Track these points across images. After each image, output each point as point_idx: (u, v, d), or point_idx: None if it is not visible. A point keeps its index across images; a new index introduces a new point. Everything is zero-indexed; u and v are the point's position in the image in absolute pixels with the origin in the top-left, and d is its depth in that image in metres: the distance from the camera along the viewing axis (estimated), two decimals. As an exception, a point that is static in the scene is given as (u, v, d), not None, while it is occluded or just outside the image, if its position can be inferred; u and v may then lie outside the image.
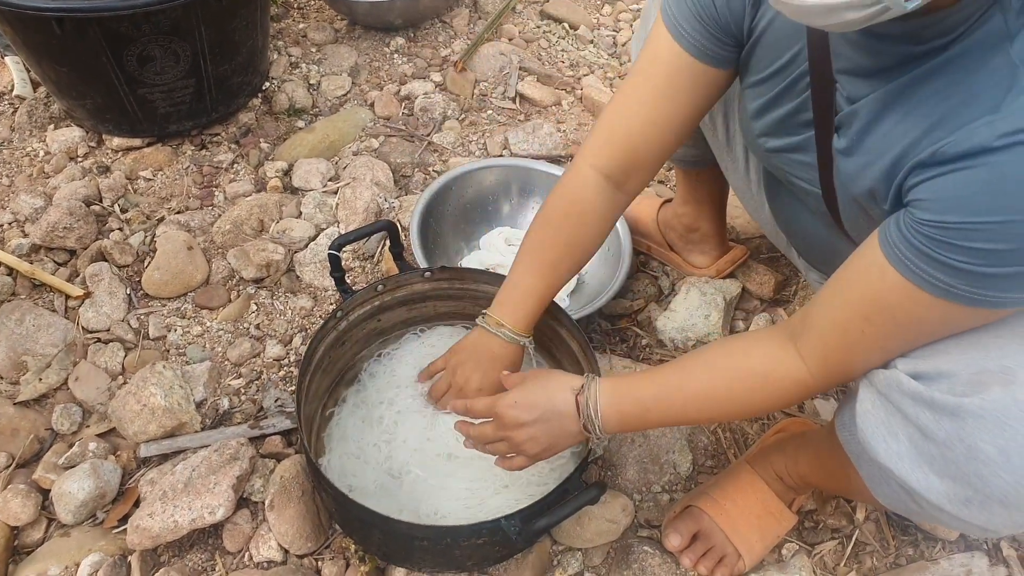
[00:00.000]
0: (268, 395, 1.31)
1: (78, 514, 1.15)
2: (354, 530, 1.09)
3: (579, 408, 0.93)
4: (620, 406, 0.91)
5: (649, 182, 1.06)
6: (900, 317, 0.73)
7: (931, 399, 0.71)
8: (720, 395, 0.87)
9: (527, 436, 0.95)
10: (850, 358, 0.79)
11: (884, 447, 0.76)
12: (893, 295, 0.72)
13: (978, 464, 0.69)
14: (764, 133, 0.93)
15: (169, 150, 1.72)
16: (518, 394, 0.96)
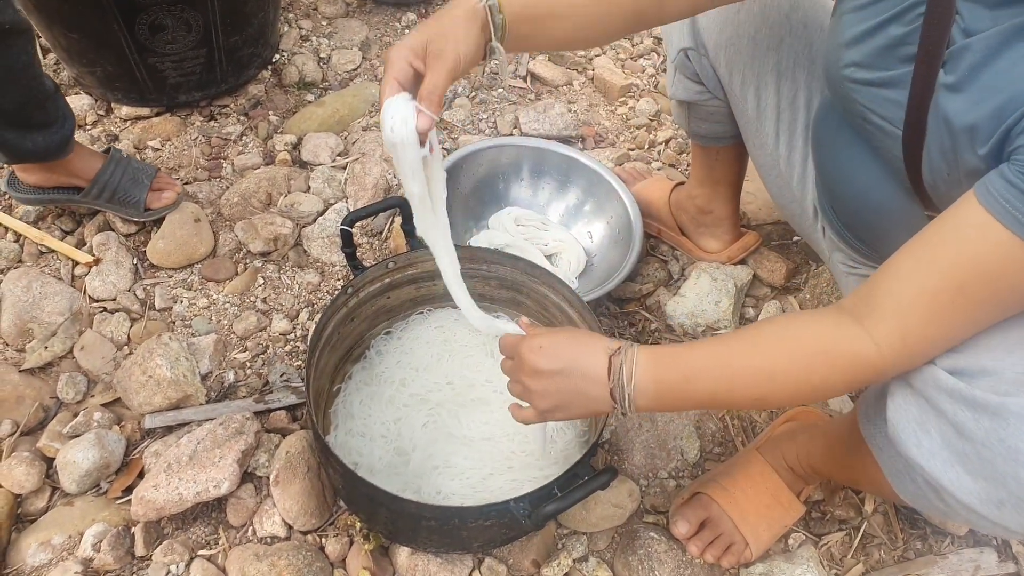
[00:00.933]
0: (274, 369, 1.30)
1: (82, 484, 1.14)
2: (360, 508, 1.08)
3: (611, 370, 0.80)
4: (659, 374, 0.79)
5: (685, 13, 0.94)
6: (1003, 283, 0.66)
7: (971, 397, 0.69)
8: (776, 371, 0.77)
9: (541, 387, 0.84)
10: (935, 335, 0.71)
11: (915, 443, 0.74)
12: (997, 256, 0.65)
13: (1017, 466, 0.67)
14: (856, 63, 0.84)
15: (178, 120, 1.70)
16: (546, 339, 0.85)
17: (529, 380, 0.85)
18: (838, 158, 0.99)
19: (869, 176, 0.93)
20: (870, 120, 0.87)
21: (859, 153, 0.94)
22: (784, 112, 1.13)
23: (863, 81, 0.85)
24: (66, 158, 1.36)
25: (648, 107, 1.88)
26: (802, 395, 0.79)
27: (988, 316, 0.70)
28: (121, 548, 1.08)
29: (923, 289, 0.70)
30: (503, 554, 1.12)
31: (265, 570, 1.05)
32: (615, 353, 0.81)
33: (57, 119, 1.30)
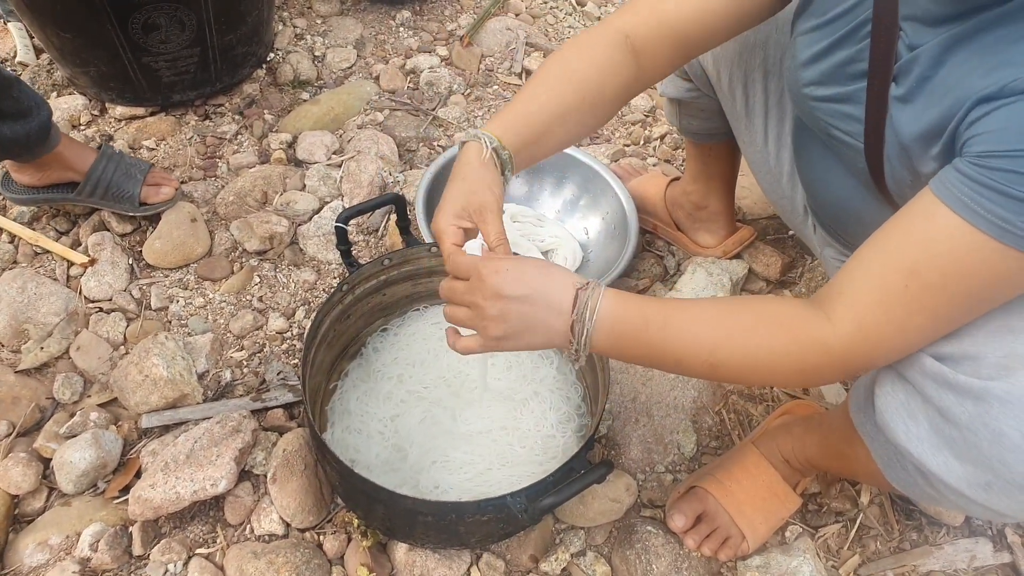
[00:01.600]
0: (271, 368, 1.30)
1: (79, 484, 1.14)
2: (357, 504, 1.08)
3: (576, 304, 0.78)
4: (621, 314, 0.78)
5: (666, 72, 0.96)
6: (949, 267, 0.67)
7: (955, 381, 0.70)
8: (735, 335, 0.77)
9: (499, 311, 0.78)
10: (888, 320, 0.71)
11: (903, 429, 0.75)
12: (943, 239, 0.67)
13: (1002, 449, 0.67)
14: (814, 82, 0.88)
15: (172, 120, 1.70)
16: (511, 263, 0.80)
17: (487, 303, 0.79)
18: (815, 167, 1.01)
19: (844, 184, 0.95)
20: (833, 135, 0.89)
21: (833, 163, 0.96)
22: (772, 109, 1.13)
23: (822, 98, 0.88)
24: (56, 151, 1.36)
25: (643, 103, 1.88)
26: (755, 368, 0.78)
27: (945, 310, 0.70)
28: (119, 548, 1.08)
29: (874, 274, 0.72)
30: (501, 549, 1.13)
31: (263, 568, 1.05)
32: (583, 287, 0.79)
33: (31, 107, 1.28)
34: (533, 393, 1.18)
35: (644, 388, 1.30)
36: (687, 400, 1.29)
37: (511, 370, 1.22)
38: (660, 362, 0.82)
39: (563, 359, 1.26)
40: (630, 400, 1.29)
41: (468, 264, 0.82)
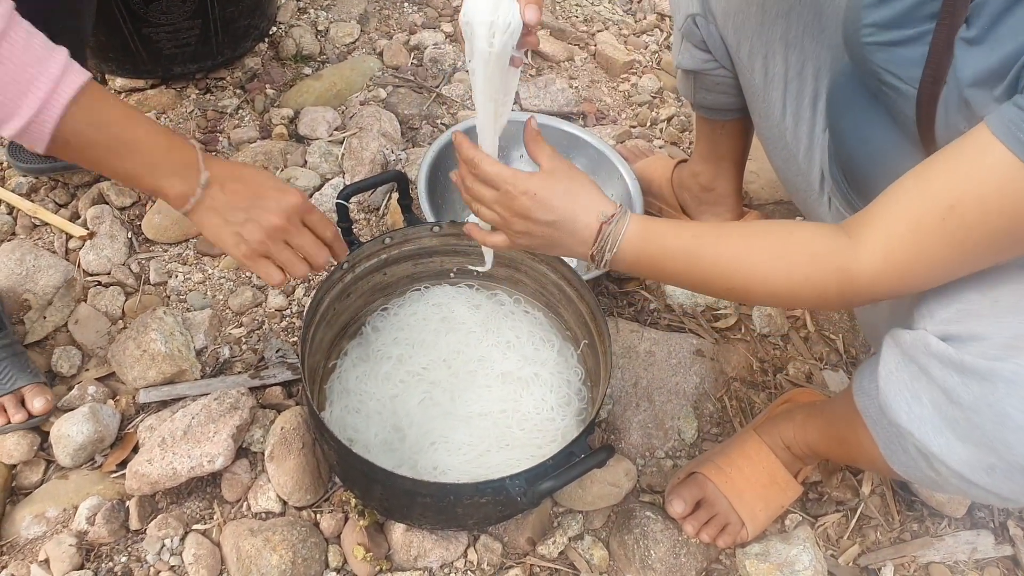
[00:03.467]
0: (269, 345, 1.29)
1: (76, 457, 1.14)
2: (355, 484, 1.08)
3: (598, 236, 0.82)
4: (643, 248, 0.81)
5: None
6: (993, 204, 0.65)
7: (960, 361, 0.69)
8: (756, 262, 0.78)
9: (525, 229, 0.84)
10: (918, 251, 0.70)
11: (906, 410, 0.74)
12: (993, 176, 0.65)
13: (1006, 430, 0.67)
14: (876, 24, 0.84)
15: (173, 93, 1.67)
16: (541, 185, 0.82)
17: (514, 220, 0.84)
18: (855, 123, 0.99)
19: (886, 138, 0.93)
20: (885, 80, 0.86)
21: (875, 116, 0.94)
22: (792, 82, 1.11)
23: (882, 42, 0.84)
24: None
25: (651, 84, 1.86)
26: (776, 294, 0.79)
27: (976, 247, 0.69)
28: (116, 522, 1.08)
29: (913, 206, 0.71)
30: (498, 532, 1.12)
31: (260, 545, 1.05)
32: (607, 221, 0.81)
33: None
34: (533, 375, 1.17)
35: (646, 373, 1.29)
36: (689, 386, 1.28)
37: (512, 351, 1.20)
38: (681, 286, 0.87)
39: (564, 343, 1.25)
40: (631, 385, 1.28)
41: (497, 177, 0.83)
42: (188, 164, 0.84)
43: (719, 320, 1.40)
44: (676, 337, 1.34)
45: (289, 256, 0.90)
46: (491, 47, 0.75)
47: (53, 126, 0.74)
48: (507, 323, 1.24)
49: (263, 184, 0.88)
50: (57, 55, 0.74)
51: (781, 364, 1.35)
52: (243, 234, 0.86)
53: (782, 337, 1.39)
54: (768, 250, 0.79)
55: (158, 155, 0.83)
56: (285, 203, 0.87)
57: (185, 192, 0.84)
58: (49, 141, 0.75)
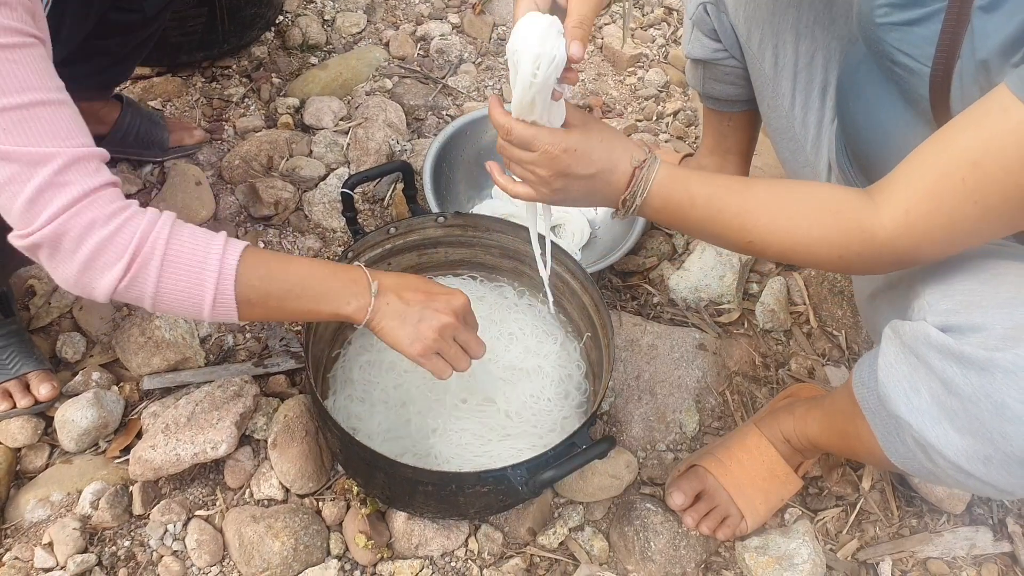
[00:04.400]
0: (273, 334, 1.30)
1: (80, 442, 1.14)
2: (358, 472, 1.08)
3: (631, 182, 0.83)
4: (670, 193, 0.83)
5: None
6: (1015, 162, 0.66)
7: (960, 352, 0.69)
8: (778, 215, 0.80)
9: (563, 185, 0.84)
10: (938, 210, 0.71)
11: (905, 400, 0.74)
12: (1017, 137, 0.65)
13: (1003, 421, 0.67)
14: (891, 3, 0.84)
15: (179, 81, 1.67)
16: (580, 139, 0.82)
17: (553, 178, 0.83)
18: (866, 105, 0.99)
19: (899, 120, 0.93)
20: (897, 61, 0.86)
21: (887, 98, 0.94)
22: (801, 72, 1.11)
23: (898, 22, 0.84)
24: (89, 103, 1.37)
25: (657, 78, 1.85)
26: (795, 250, 0.80)
27: (997, 206, 0.69)
28: (119, 506, 1.09)
29: (935, 165, 0.71)
30: (499, 521, 1.13)
31: (262, 532, 1.05)
32: (640, 165, 0.83)
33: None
34: (536, 367, 1.18)
35: (648, 367, 1.29)
36: (691, 380, 1.29)
37: (515, 343, 1.21)
38: (701, 235, 0.88)
39: (567, 336, 1.25)
40: (633, 378, 1.28)
41: (534, 139, 0.81)
42: (357, 281, 0.92)
43: (722, 315, 1.40)
44: (679, 331, 1.34)
45: (457, 352, 0.95)
46: (535, 78, 0.76)
47: (233, 292, 0.83)
48: (511, 315, 1.25)
49: (432, 289, 0.96)
50: (217, 238, 0.84)
51: (783, 359, 1.35)
52: (419, 333, 0.92)
53: (784, 332, 1.39)
54: (791, 205, 0.80)
55: (327, 284, 0.90)
56: (455, 303, 0.94)
57: (362, 305, 0.91)
58: (236, 307, 0.84)
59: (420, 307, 0.92)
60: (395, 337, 0.92)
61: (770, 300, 1.39)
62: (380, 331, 0.92)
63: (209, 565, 1.07)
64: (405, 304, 0.92)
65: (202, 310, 0.83)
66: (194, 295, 0.83)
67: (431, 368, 0.94)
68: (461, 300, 0.95)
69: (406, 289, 0.94)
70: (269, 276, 0.87)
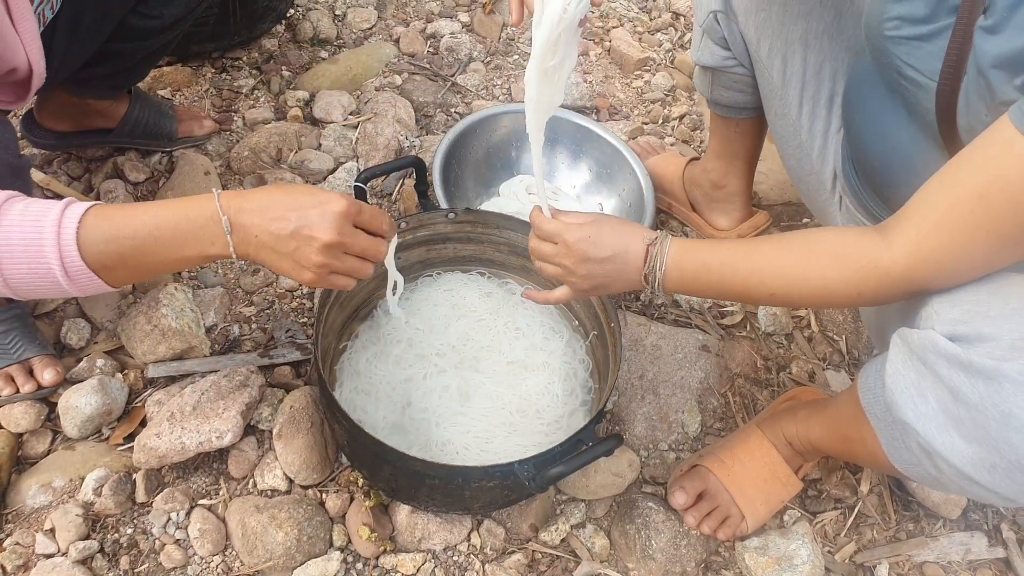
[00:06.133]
0: (279, 325, 1.30)
1: (84, 429, 1.14)
2: (364, 464, 1.09)
3: (647, 258, 0.91)
4: (683, 263, 0.90)
5: None
6: (1019, 195, 0.69)
7: (968, 361, 0.70)
8: (790, 269, 0.85)
9: (586, 272, 0.94)
10: (949, 242, 0.75)
11: (912, 407, 0.75)
12: (1018, 168, 0.68)
13: (1010, 430, 0.68)
14: (902, 17, 0.87)
15: (189, 71, 1.68)
16: (593, 229, 0.93)
17: (575, 266, 0.95)
18: (872, 117, 1.01)
19: (904, 133, 0.95)
20: (904, 74, 0.88)
21: (893, 111, 0.96)
22: (809, 82, 1.13)
23: (906, 36, 0.87)
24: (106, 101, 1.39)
25: (664, 82, 1.86)
26: (813, 295, 0.85)
27: (1006, 236, 0.72)
28: (122, 494, 1.09)
29: (943, 199, 0.75)
30: (502, 517, 1.13)
31: (265, 522, 1.05)
32: (652, 243, 0.92)
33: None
34: (543, 364, 1.18)
35: (651, 367, 1.30)
36: (694, 380, 1.30)
37: (521, 339, 1.22)
38: (724, 297, 0.96)
39: (573, 334, 1.26)
40: (637, 378, 1.29)
41: (553, 230, 0.96)
42: (214, 219, 0.81)
43: (725, 317, 1.41)
44: (682, 332, 1.35)
45: (352, 264, 0.87)
46: (564, 13, 0.81)
47: (82, 261, 0.77)
48: (517, 312, 1.25)
49: (302, 204, 0.83)
50: (53, 206, 0.77)
51: (785, 362, 1.37)
52: (301, 262, 0.83)
53: (786, 336, 1.40)
54: (799, 255, 0.85)
55: (181, 229, 0.81)
56: (330, 215, 0.82)
57: (225, 245, 0.82)
58: (95, 277, 0.78)
59: (292, 233, 0.81)
60: (279, 270, 0.84)
61: (773, 304, 1.40)
62: (261, 264, 0.85)
63: (211, 554, 1.07)
64: (275, 235, 0.81)
65: (61, 285, 0.77)
66: (41, 273, 0.76)
67: (332, 287, 0.88)
68: (337, 208, 0.83)
69: (271, 215, 0.82)
70: (115, 236, 0.79)
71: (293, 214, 0.81)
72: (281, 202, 0.82)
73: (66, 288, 0.78)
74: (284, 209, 0.82)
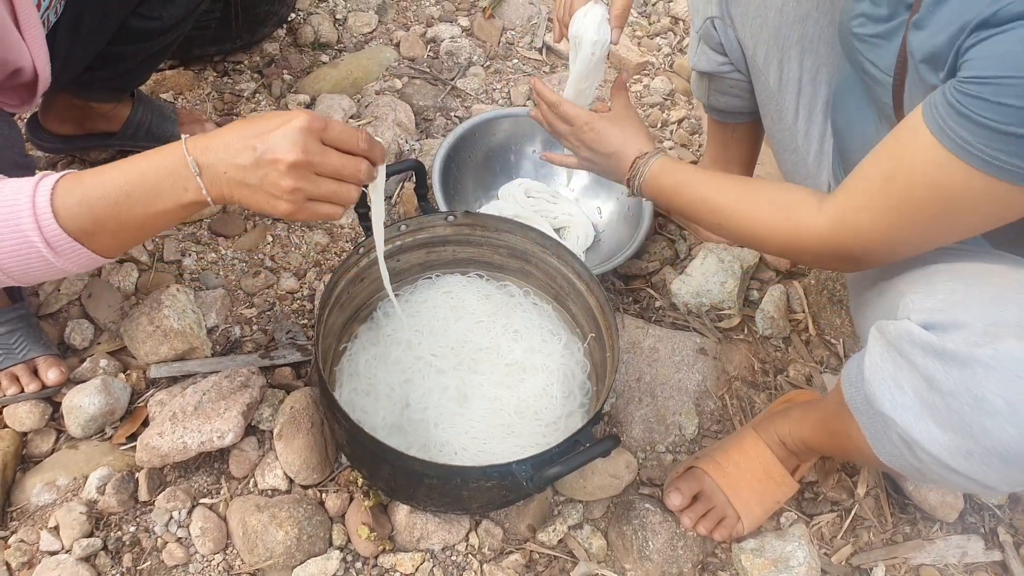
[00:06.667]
0: (280, 326, 1.31)
1: (87, 428, 1.15)
2: (363, 464, 1.10)
3: (632, 167, 1.07)
4: (659, 180, 1.04)
5: None
6: (917, 178, 0.76)
7: (942, 348, 0.71)
8: (742, 208, 0.95)
9: (588, 156, 1.13)
10: (865, 219, 0.82)
11: (889, 398, 0.76)
12: (918, 153, 0.75)
13: (983, 416, 0.69)
14: (865, 15, 0.91)
15: (191, 75, 1.69)
16: (604, 125, 1.10)
17: (580, 149, 1.14)
18: (851, 118, 1.05)
19: (875, 130, 0.98)
20: (868, 71, 0.92)
21: (867, 110, 0.99)
22: (806, 87, 1.14)
23: (867, 34, 0.91)
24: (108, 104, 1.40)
25: (662, 86, 1.88)
26: (752, 235, 0.96)
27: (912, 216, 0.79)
28: (125, 492, 1.10)
29: (861, 176, 0.83)
30: (500, 517, 1.14)
31: (266, 521, 1.06)
32: (640, 156, 1.07)
33: None
34: (541, 366, 1.19)
35: (649, 369, 1.31)
36: (691, 383, 1.31)
37: (519, 342, 1.22)
38: (687, 215, 1.07)
39: (571, 336, 1.27)
40: (635, 380, 1.30)
41: (574, 116, 1.12)
42: (182, 164, 0.77)
43: (723, 320, 1.42)
44: (680, 335, 1.36)
45: (329, 187, 0.79)
46: (593, 56, 1.10)
47: (61, 230, 0.75)
48: (516, 314, 1.26)
49: (261, 130, 0.76)
50: (27, 181, 0.76)
51: (782, 366, 1.37)
52: (271, 191, 0.77)
53: (784, 339, 1.41)
54: (744, 193, 0.96)
55: (151, 181, 0.78)
56: (292, 134, 0.75)
57: (197, 189, 0.78)
58: (80, 246, 0.77)
59: (256, 161, 0.75)
60: (256, 207, 0.79)
61: (770, 307, 1.41)
62: (240, 204, 0.80)
63: (212, 553, 1.08)
64: (241, 167, 0.76)
65: (49, 260, 0.76)
66: (26, 249, 0.75)
67: (315, 218, 0.81)
68: (298, 124, 0.76)
69: (235, 148, 0.77)
70: (88, 198, 0.76)
71: (255, 141, 0.76)
72: (243, 132, 0.77)
73: (55, 263, 0.76)
74: (246, 139, 0.76)
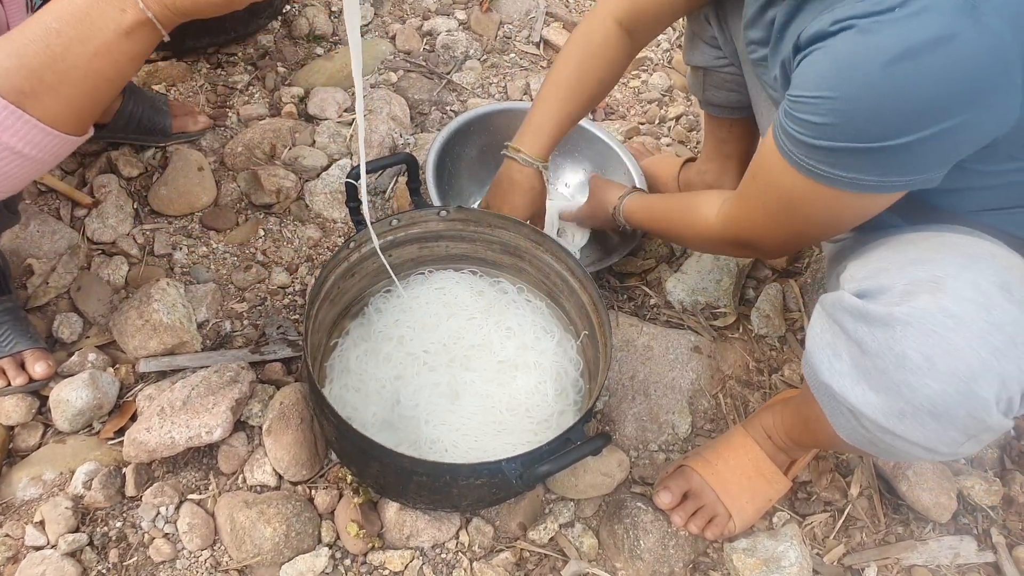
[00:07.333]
0: (271, 321, 1.30)
1: (75, 423, 1.14)
2: (352, 460, 1.09)
3: (615, 204, 1.27)
4: (633, 212, 1.24)
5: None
6: (763, 175, 0.88)
7: (866, 312, 0.73)
8: (677, 216, 1.13)
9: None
10: (745, 211, 0.95)
11: (827, 367, 0.78)
12: (767, 158, 0.85)
13: (906, 372, 0.70)
14: (753, 41, 0.97)
15: (184, 66, 1.67)
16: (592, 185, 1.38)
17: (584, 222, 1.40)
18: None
19: None
20: (769, 93, 0.99)
21: None
22: None
23: (758, 59, 0.98)
24: None
25: (661, 82, 1.86)
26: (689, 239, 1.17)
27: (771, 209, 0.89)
28: (112, 487, 1.09)
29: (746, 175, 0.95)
30: (490, 515, 1.13)
31: (254, 517, 1.06)
32: (620, 197, 1.27)
33: None
34: (533, 363, 1.18)
35: (643, 367, 1.30)
36: (685, 382, 1.30)
37: (512, 338, 1.21)
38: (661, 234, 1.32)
39: (564, 333, 1.26)
40: (628, 378, 1.29)
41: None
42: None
43: (717, 318, 1.41)
44: (674, 333, 1.35)
45: None
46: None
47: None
48: (509, 311, 1.25)
49: None
50: None
51: (777, 365, 1.37)
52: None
53: (779, 338, 1.40)
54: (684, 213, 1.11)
55: (78, 7, 0.72)
56: None
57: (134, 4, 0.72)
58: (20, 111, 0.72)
59: None
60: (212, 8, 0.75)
61: (766, 306, 1.40)
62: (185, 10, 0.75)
63: (200, 549, 1.07)
64: None
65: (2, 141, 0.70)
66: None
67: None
68: None
69: None
70: (16, 50, 0.70)
71: None
72: None
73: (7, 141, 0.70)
74: None
